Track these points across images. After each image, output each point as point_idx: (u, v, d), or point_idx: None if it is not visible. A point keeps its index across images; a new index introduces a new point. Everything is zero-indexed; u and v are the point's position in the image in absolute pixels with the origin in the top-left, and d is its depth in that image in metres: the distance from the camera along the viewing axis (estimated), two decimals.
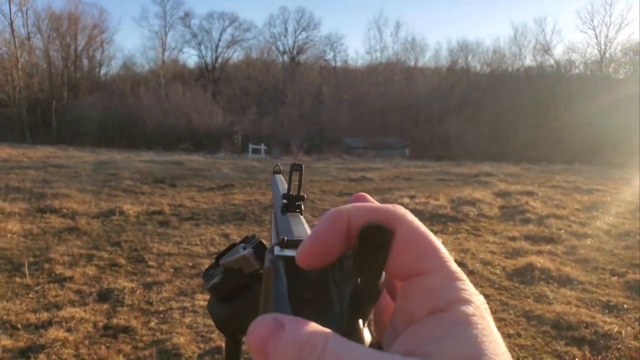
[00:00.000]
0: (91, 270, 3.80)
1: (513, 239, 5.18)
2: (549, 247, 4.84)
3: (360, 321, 0.24)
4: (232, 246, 0.50)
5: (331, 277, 0.26)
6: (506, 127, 33.09)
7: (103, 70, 45.06)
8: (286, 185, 0.51)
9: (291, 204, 0.48)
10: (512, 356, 1.88)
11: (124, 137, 27.93)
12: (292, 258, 0.26)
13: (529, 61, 42.23)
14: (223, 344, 2.60)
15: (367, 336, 0.24)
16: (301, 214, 0.46)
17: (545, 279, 3.84)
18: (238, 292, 0.48)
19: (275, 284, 0.26)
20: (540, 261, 4.16)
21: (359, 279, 0.24)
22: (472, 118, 33.97)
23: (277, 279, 0.26)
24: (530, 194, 7.79)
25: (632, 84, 33.32)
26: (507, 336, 2.86)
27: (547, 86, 35.94)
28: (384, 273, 0.24)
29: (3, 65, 36.75)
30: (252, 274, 0.46)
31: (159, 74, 41.52)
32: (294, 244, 0.28)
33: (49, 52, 40.29)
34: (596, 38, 38.89)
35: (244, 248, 0.47)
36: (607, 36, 38.37)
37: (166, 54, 46.06)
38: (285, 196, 0.49)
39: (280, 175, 0.66)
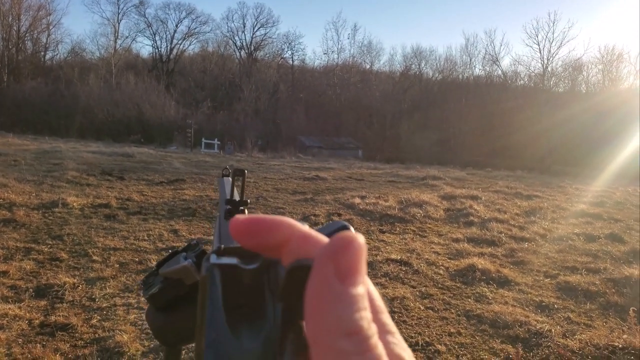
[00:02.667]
0: (28, 265, 3.64)
1: (457, 240, 5.37)
2: (490, 249, 5.05)
3: (292, 332, 0.24)
4: (175, 254, 0.49)
5: (266, 282, 0.27)
6: (454, 132, 34.23)
7: (49, 55, 42.96)
8: (227, 191, 0.51)
9: (235, 209, 0.48)
10: (453, 354, 1.96)
11: (71, 126, 26.73)
12: (228, 266, 0.27)
13: (478, 70, 43.85)
14: None
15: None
16: None
17: (486, 280, 4.01)
18: (177, 302, 0.47)
19: (210, 292, 0.26)
20: (481, 263, 4.33)
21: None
22: (422, 123, 34.87)
23: (213, 288, 0.26)
24: (474, 197, 8.08)
25: (570, 97, 35.28)
26: (448, 334, 2.97)
27: (494, 95, 37.46)
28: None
29: None
30: (191, 286, 0.46)
31: (111, 62, 40.04)
32: (231, 251, 0.29)
33: None
34: (540, 52, 40.84)
35: (185, 258, 0.46)
36: (549, 51, 40.41)
37: (118, 42, 44.43)
38: (228, 202, 0.50)
39: (229, 178, 0.66)
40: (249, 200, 0.51)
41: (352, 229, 0.55)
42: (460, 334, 3.00)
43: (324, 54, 54.02)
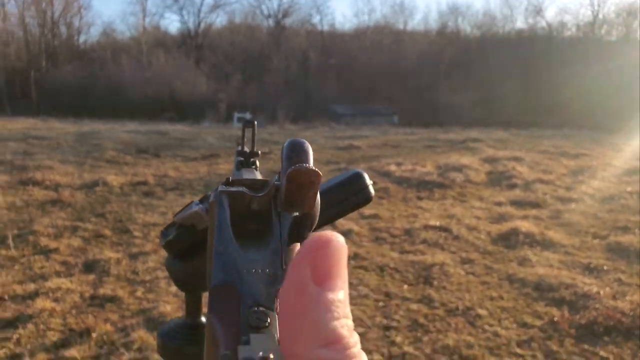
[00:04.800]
0: (76, 242, 3.79)
1: (499, 204, 5.25)
2: (534, 211, 4.91)
3: (298, 245, 0.27)
4: (186, 206, 0.50)
5: (273, 206, 0.29)
6: (496, 92, 33.00)
7: (82, 38, 43.80)
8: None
9: (246, 160, 0.49)
10: (494, 318, 1.91)
11: (107, 107, 27.38)
12: (236, 192, 0.29)
13: (520, 24, 41.83)
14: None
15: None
16: (256, 170, 0.47)
17: (529, 243, 3.90)
18: (193, 249, 0.47)
19: (219, 215, 0.27)
20: (525, 226, 4.22)
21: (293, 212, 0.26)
22: (461, 83, 33.79)
23: (221, 211, 0.28)
24: (517, 159, 7.85)
25: (624, 46, 33.20)
26: (490, 299, 2.92)
27: (538, 49, 35.67)
28: (318, 204, 0.27)
29: None
30: (203, 232, 0.45)
31: (140, 41, 40.51)
32: (239, 182, 0.30)
33: (24, 19, 38.92)
34: None
35: (197, 204, 0.46)
36: None
37: (147, 19, 44.79)
38: (239, 153, 0.50)
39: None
40: (259, 152, 0.50)
41: (366, 176, 0.52)
42: (502, 298, 2.94)
43: (354, 16, 52.95)
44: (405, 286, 3.08)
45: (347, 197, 0.50)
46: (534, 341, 2.44)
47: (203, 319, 0.55)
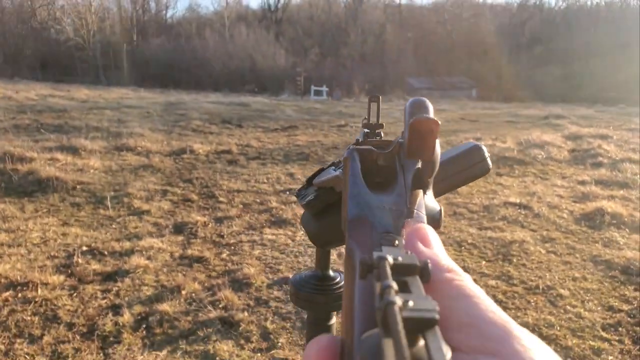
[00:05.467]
0: (166, 205, 4.07)
1: (583, 183, 4.97)
2: (621, 192, 4.61)
3: (421, 191, 0.30)
4: (321, 170, 0.56)
5: (397, 160, 0.33)
6: (581, 66, 30.60)
7: (169, 13, 45.72)
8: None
9: (372, 132, 0.54)
10: (577, 299, 1.86)
11: (191, 79, 28.59)
12: (365, 150, 0.34)
13: None
14: (289, 275, 2.75)
15: (430, 202, 0.32)
16: None
17: (616, 225, 3.69)
18: (328, 209, 0.53)
19: (351, 167, 0.32)
20: (611, 206, 3.98)
21: (416, 159, 0.30)
22: (544, 57, 31.72)
23: (353, 164, 0.32)
24: (603, 137, 7.33)
25: None
26: (572, 279, 2.82)
27: (630, 21, 32.51)
28: (438, 152, 0.30)
29: (77, 10, 38.15)
30: (341, 193, 0.51)
31: (223, 15, 41.57)
32: (367, 142, 0.36)
33: None
34: None
35: (335, 169, 0.52)
36: None
37: None
38: (365, 125, 0.55)
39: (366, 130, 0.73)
40: (384, 124, 0.55)
41: (484, 148, 0.55)
42: (586, 279, 2.83)
43: None
44: (484, 262, 3.04)
45: (465, 168, 0.54)
46: (621, 326, 2.34)
47: (331, 272, 0.62)
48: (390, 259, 0.19)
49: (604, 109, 14.76)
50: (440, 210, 0.33)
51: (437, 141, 0.30)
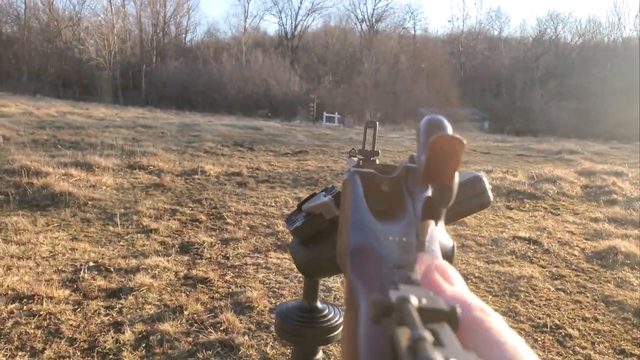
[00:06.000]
0: (174, 224, 4.08)
1: (595, 220, 4.90)
2: (636, 231, 4.53)
3: (433, 222, 0.26)
4: (313, 195, 0.55)
5: (404, 188, 0.30)
6: (596, 102, 30.55)
7: (189, 37, 46.77)
8: (354, 159, 0.55)
9: (367, 159, 0.52)
10: (587, 340, 1.82)
11: (206, 102, 29.02)
12: (368, 173, 0.31)
13: (628, 31, 38.48)
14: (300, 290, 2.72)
15: (443, 235, 0.28)
16: None
17: (630, 265, 3.62)
18: (318, 237, 0.52)
19: (353, 191, 0.30)
20: (625, 245, 3.91)
21: (429, 185, 0.26)
22: (558, 91, 31.76)
23: (355, 188, 0.30)
24: (618, 174, 7.26)
25: None
26: (582, 319, 2.76)
27: None
28: (456, 179, 0.25)
29: (101, 31, 39.22)
30: (331, 220, 0.50)
31: (241, 41, 42.44)
32: (369, 166, 0.34)
33: (140, 19, 42.39)
34: None
35: (325, 195, 0.51)
36: None
37: (248, 21, 46.82)
38: (360, 152, 0.54)
39: (354, 158, 0.72)
40: (380, 151, 0.55)
41: (485, 180, 0.54)
42: (597, 320, 2.76)
43: (448, 21, 51.57)
44: (490, 297, 2.99)
45: (465, 199, 0.52)
46: None
47: (319, 303, 0.60)
48: (414, 301, 0.17)
49: (619, 145, 14.67)
50: (454, 245, 0.30)
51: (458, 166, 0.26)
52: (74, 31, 40.43)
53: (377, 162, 0.52)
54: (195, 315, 2.54)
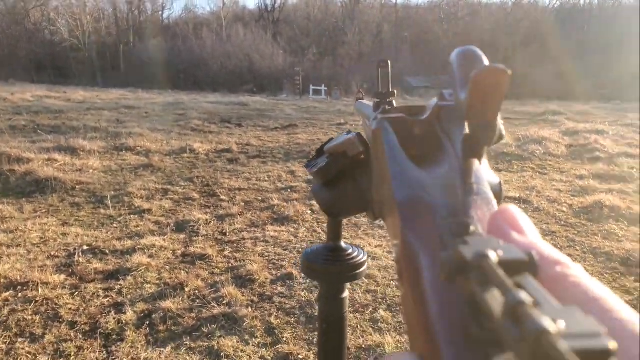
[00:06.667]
0: (167, 204, 4.06)
1: (581, 177, 4.99)
2: (619, 185, 4.63)
3: (476, 161, 0.25)
4: (330, 140, 0.55)
5: (439, 128, 0.28)
6: (576, 64, 30.71)
7: (166, 14, 45.72)
8: (369, 103, 0.55)
9: (382, 101, 0.51)
10: None
11: (189, 79, 28.60)
12: (398, 118, 0.29)
13: None
14: (293, 271, 2.75)
15: (488, 173, 0.26)
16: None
17: (615, 217, 3.70)
18: (340, 177, 0.52)
19: (386, 140, 0.28)
20: (609, 199, 3.99)
21: (470, 124, 0.24)
22: (539, 55, 31.79)
23: (388, 136, 0.28)
24: (600, 132, 7.36)
25: None
26: None
27: (623, 19, 32.67)
28: (500, 114, 0.23)
29: (72, 10, 38.09)
30: (353, 159, 0.50)
31: (220, 15, 41.56)
32: (396, 110, 0.32)
33: None
34: None
35: (348, 133, 0.51)
36: None
37: None
38: (376, 94, 0.52)
39: (364, 101, 0.71)
40: (395, 92, 0.53)
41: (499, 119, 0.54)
42: (587, 271, 2.81)
43: None
44: None
45: None
46: None
47: (342, 243, 0.62)
48: (492, 256, 0.15)
49: (599, 105, 14.81)
50: (500, 182, 0.28)
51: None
52: (43, 12, 39.20)
53: (394, 102, 0.51)
54: (197, 291, 2.55)
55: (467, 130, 0.25)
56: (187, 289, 2.57)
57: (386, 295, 2.51)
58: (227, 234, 3.39)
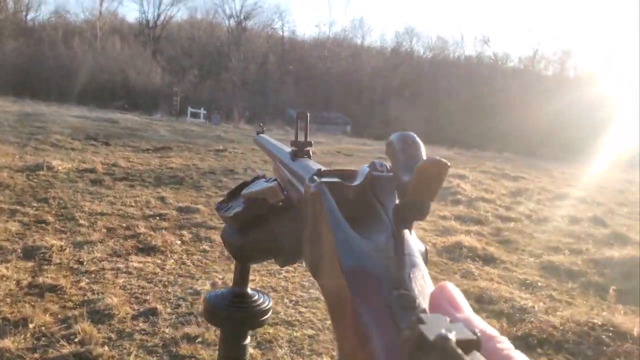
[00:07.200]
0: (14, 226, 3.60)
1: (444, 218, 5.43)
2: (476, 227, 5.13)
3: (406, 231, 0.26)
4: (244, 184, 0.55)
5: (372, 196, 0.30)
6: (443, 112, 34.17)
7: (30, 15, 41.60)
8: (275, 142, 0.55)
9: (300, 150, 0.52)
10: None
11: (53, 89, 26.11)
12: (334, 183, 0.30)
13: (469, 51, 43.72)
14: (158, 306, 2.56)
15: (416, 243, 0.27)
16: (310, 159, 0.50)
17: (472, 257, 4.07)
18: (255, 223, 0.52)
19: (328, 206, 0.29)
20: (468, 240, 4.39)
21: (409, 200, 0.25)
22: (412, 101, 34.75)
23: (327, 201, 0.29)
24: (462, 177, 8.16)
25: (559, 81, 35.41)
26: None
27: (484, 76, 37.40)
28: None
29: None
30: (271, 206, 0.51)
31: (96, 25, 38.96)
32: (329, 173, 0.33)
33: None
34: (530, 35, 40.84)
35: (267, 181, 0.51)
36: (539, 36, 40.42)
37: (104, 4, 43.15)
38: (294, 143, 0.53)
39: (266, 136, 0.73)
40: (312, 142, 0.54)
41: None
42: None
43: (316, 26, 53.28)
44: None
45: None
46: None
47: (249, 289, 0.61)
48: (452, 337, 0.16)
49: (461, 151, 16.48)
50: (426, 249, 0.30)
51: None
52: None
53: (311, 152, 0.53)
54: (44, 328, 2.26)
55: (399, 202, 0.26)
56: (31, 326, 2.27)
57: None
58: (85, 263, 3.08)
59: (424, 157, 0.26)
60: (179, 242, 3.64)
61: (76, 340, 2.18)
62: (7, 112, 11.08)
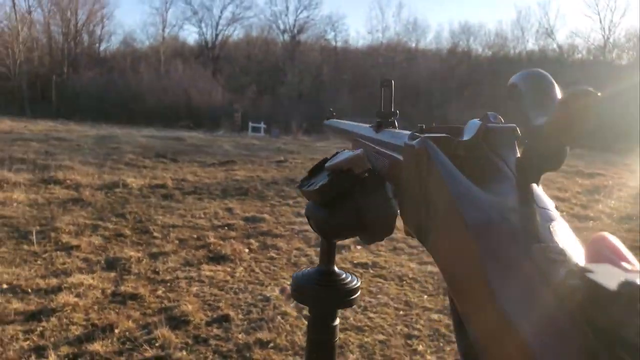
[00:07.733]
0: (97, 240, 3.85)
1: None
2: None
3: (534, 185, 0.24)
4: (325, 160, 0.53)
5: (487, 150, 0.27)
6: (506, 110, 33.00)
7: (103, 46, 44.55)
8: (348, 122, 0.53)
9: (385, 120, 0.50)
10: None
11: (124, 113, 27.74)
12: (442, 138, 0.28)
13: (531, 45, 41.84)
14: (230, 312, 2.65)
15: (545, 196, 0.24)
16: (396, 129, 0.47)
17: None
18: (340, 198, 0.50)
19: (440, 161, 0.26)
20: None
21: (546, 147, 0.22)
22: (472, 101, 33.77)
23: (437, 156, 0.26)
24: None
25: (634, 71, 33.13)
26: None
27: (549, 70, 35.57)
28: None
29: (4, 39, 36.34)
30: (356, 178, 0.48)
31: (159, 50, 41.13)
32: (434, 130, 0.30)
33: (49, 27, 39.73)
34: (600, 23, 38.42)
35: (348, 151, 0.49)
36: (611, 21, 37.89)
37: (166, 30, 45.43)
38: (379, 114, 0.51)
39: (335, 120, 0.70)
40: (398, 111, 0.52)
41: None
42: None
43: (368, 33, 53.27)
44: (425, 296, 3.09)
45: None
46: None
47: (335, 267, 0.59)
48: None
49: None
50: (555, 205, 0.26)
51: None
52: None
53: (396, 123, 0.50)
54: (128, 333, 2.40)
55: (528, 148, 0.23)
56: (117, 331, 2.42)
57: None
58: (160, 273, 3.24)
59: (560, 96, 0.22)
60: (247, 251, 3.75)
61: (157, 344, 2.30)
62: (87, 136, 11.89)
